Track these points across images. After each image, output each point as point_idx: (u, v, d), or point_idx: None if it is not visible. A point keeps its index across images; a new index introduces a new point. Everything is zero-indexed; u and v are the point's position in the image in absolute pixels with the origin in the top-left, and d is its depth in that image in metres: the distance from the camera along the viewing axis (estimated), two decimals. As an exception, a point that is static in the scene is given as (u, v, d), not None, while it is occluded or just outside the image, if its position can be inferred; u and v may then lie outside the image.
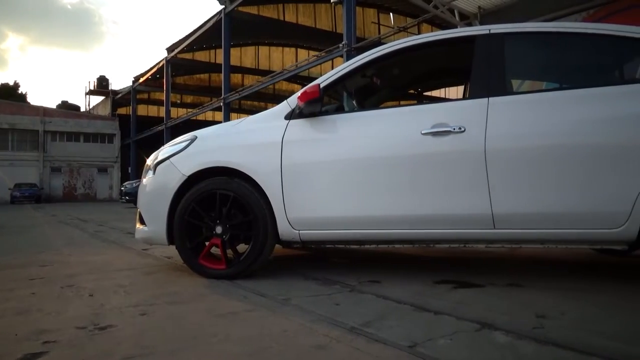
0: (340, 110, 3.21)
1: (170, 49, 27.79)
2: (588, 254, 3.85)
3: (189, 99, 36.38)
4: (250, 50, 31.29)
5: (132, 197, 16.10)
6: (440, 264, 3.59)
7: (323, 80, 3.03)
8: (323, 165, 2.87)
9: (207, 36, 23.80)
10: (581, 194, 2.50)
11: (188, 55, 29.37)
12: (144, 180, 3.28)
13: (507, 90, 2.80)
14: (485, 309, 2.16)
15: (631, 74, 2.87)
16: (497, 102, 2.69)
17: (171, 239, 3.04)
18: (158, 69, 30.11)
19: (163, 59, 28.53)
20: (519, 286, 2.64)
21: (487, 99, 2.71)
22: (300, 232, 2.88)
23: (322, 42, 21.78)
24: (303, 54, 29.55)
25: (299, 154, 2.90)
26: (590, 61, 3.09)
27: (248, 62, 31.23)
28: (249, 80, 30.60)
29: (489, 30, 2.91)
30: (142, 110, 38.38)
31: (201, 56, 30.59)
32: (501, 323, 1.93)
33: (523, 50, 3.05)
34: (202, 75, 33.84)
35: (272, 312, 2.19)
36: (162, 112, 31.33)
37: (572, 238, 2.57)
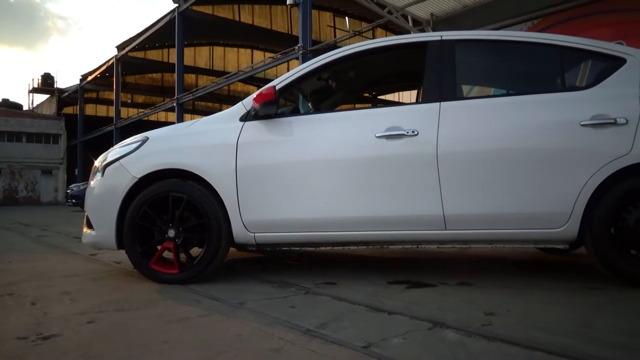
0: (295, 112, 3.21)
1: (120, 47, 26.89)
2: (533, 252, 4.03)
3: (140, 98, 35.30)
4: (204, 51, 30.76)
5: (78, 200, 15.51)
6: (394, 264, 3.65)
7: (279, 82, 3.02)
8: (279, 167, 2.86)
9: (159, 35, 23.21)
10: (526, 196, 2.62)
11: (140, 54, 28.52)
12: (92, 183, 3.15)
13: (457, 95, 2.89)
14: (437, 308, 2.22)
15: (572, 82, 3.03)
16: (449, 106, 2.78)
17: (121, 244, 2.94)
18: (108, 67, 29.06)
19: (113, 57, 27.57)
20: (469, 285, 2.72)
21: (439, 103, 2.79)
22: (255, 234, 2.86)
23: (278, 43, 21.74)
24: (259, 55, 29.36)
25: (254, 155, 2.88)
26: (535, 69, 3.24)
27: (202, 63, 30.69)
28: (203, 80, 30.08)
29: (441, 36, 2.99)
30: (91, 109, 36.89)
31: (153, 55, 29.78)
32: (452, 321, 1.99)
33: (473, 57, 3.17)
34: (154, 75, 32.93)
35: (227, 316, 2.15)
36: (112, 112, 30.22)
37: (518, 238, 2.69)
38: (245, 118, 2.97)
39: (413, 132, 2.73)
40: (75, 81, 35.11)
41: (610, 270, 2.57)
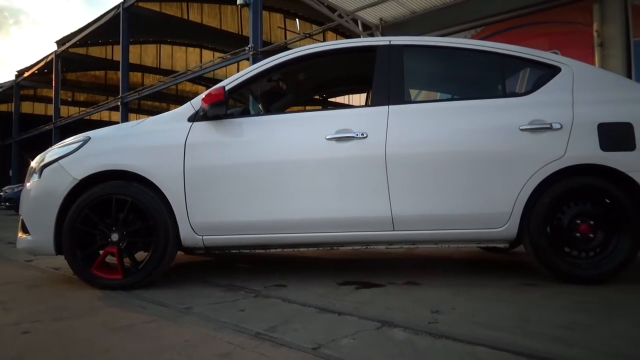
0: (245, 113, 3.18)
1: (60, 43, 25.58)
2: (476, 251, 4.19)
3: (82, 97, 33.71)
4: (151, 49, 29.81)
5: (13, 203, 14.63)
6: (344, 266, 3.69)
7: (228, 83, 2.98)
8: (228, 169, 2.82)
9: (103, 31, 22.28)
10: (470, 197, 2.73)
11: (82, 50, 27.23)
12: (28, 185, 2.98)
13: (405, 99, 2.96)
14: (385, 307, 2.26)
15: (512, 88, 3.19)
16: (397, 110, 2.84)
17: (59, 249, 2.79)
18: (46, 63, 27.55)
19: (52, 53, 26.19)
20: (416, 284, 2.79)
21: (387, 106, 2.85)
22: (204, 237, 2.80)
23: (228, 43, 21.42)
24: (208, 55, 28.81)
25: (203, 157, 2.82)
26: (478, 75, 3.38)
27: (149, 61, 29.73)
28: (150, 79, 29.14)
29: (390, 41, 3.06)
30: (27, 107, 34.83)
31: (97, 52, 28.52)
32: (400, 320, 2.03)
33: (420, 62, 3.25)
34: (97, 72, 31.54)
35: (173, 322, 2.09)
36: (51, 110, 28.69)
37: (462, 238, 2.79)
38: (193, 118, 2.91)
39: (362, 134, 2.77)
40: (11, 77, 33.04)
41: (546, 267, 2.71)
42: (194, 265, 3.75)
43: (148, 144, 2.88)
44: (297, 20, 24.34)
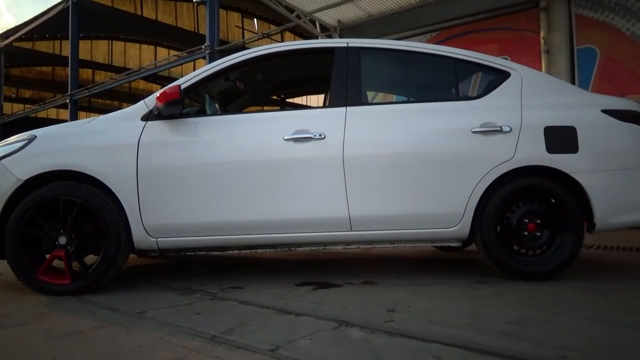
0: (202, 113, 3.12)
1: (4, 36, 24.27)
2: (431, 250, 4.29)
3: (27, 93, 32.08)
4: (102, 45, 28.75)
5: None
6: (302, 266, 3.68)
7: (184, 82, 2.92)
8: (184, 170, 2.76)
9: (51, 25, 21.28)
10: (425, 198, 2.79)
11: (27, 44, 25.94)
12: (-33, 186, 2.80)
13: (363, 101, 2.99)
14: (342, 307, 2.27)
15: (465, 91, 3.29)
16: (354, 111, 2.87)
17: (2, 253, 2.65)
18: (-12, 57, 26.09)
19: (-6, 46, 24.82)
20: (372, 283, 2.83)
21: (345, 108, 2.88)
22: (158, 239, 2.73)
23: (184, 41, 20.95)
24: (163, 52, 28.09)
25: (157, 157, 2.75)
26: (432, 78, 3.46)
27: (100, 57, 28.64)
28: (101, 76, 28.09)
29: (347, 43, 3.09)
30: (-34, 103, 32.90)
31: (44, 46, 27.22)
32: (357, 319, 2.05)
33: (377, 64, 3.30)
34: (44, 68, 30.11)
35: (125, 327, 2.03)
36: (-7, 107, 27.19)
37: (417, 237, 2.85)
38: (147, 117, 2.83)
39: (320, 135, 2.78)
40: (-53, 71, 31.01)
41: (497, 264, 2.81)
42: (148, 269, 3.65)
43: (99, 143, 2.78)
44: (255, 19, 24.16)
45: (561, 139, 2.79)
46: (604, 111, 2.89)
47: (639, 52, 6.08)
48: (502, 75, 3.04)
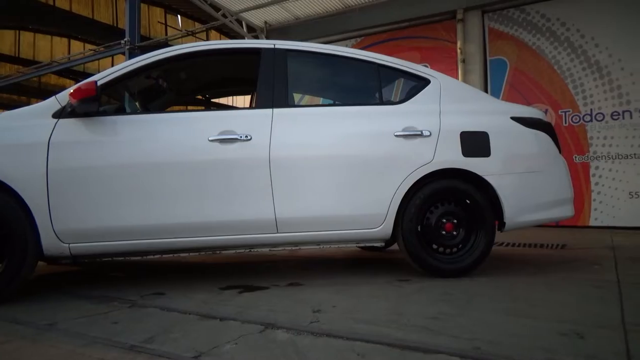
0: (121, 111, 2.97)
1: None
2: (355, 251, 4.39)
3: None
4: (9, 35, 26.42)
5: None
6: (227, 270, 3.62)
7: (101, 78, 2.76)
8: (99, 171, 2.61)
9: (-54, 11, 19.29)
10: (349, 199, 2.85)
11: None
12: None
13: (289, 103, 3.00)
14: (268, 309, 2.26)
15: (388, 96, 3.40)
16: (281, 113, 2.87)
17: None
18: None
19: None
20: (298, 285, 2.84)
21: (271, 109, 2.87)
22: (70, 245, 2.56)
23: (102, 36, 19.79)
24: (78, 46, 26.36)
25: (70, 157, 2.58)
26: (357, 82, 3.55)
27: (6, 49, 26.28)
28: (7, 69, 25.81)
29: (274, 45, 3.08)
30: None
31: (-62, 34, 24.59)
32: (283, 321, 2.05)
33: (304, 67, 3.33)
34: (-61, 58, 27.20)
35: (33, 341, 1.88)
36: None
37: (343, 238, 2.91)
38: (59, 115, 2.65)
39: (246, 136, 2.75)
40: None
41: (417, 263, 2.94)
42: (59, 277, 3.40)
43: (4, 142, 2.55)
44: (178, 16, 23.41)
45: (475, 143, 2.98)
46: (513, 118, 3.12)
47: (543, 65, 6.63)
48: (422, 82, 3.18)
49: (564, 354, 1.61)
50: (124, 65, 2.87)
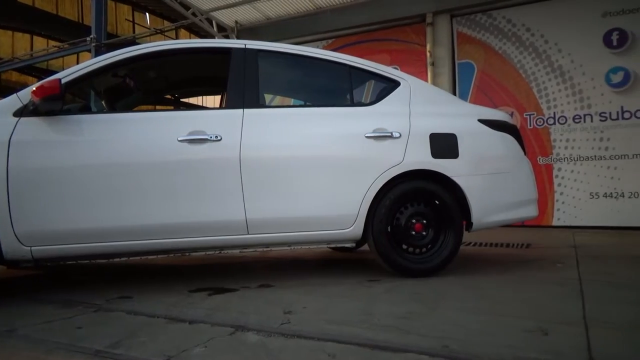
0: (86, 110, 2.89)
1: None
2: (326, 252, 4.40)
3: None
4: (-34, 29, 25.42)
5: None
6: (196, 272, 3.57)
7: (66, 75, 2.68)
8: (64, 171, 2.53)
9: None
10: (320, 200, 2.86)
11: None
12: None
13: (260, 103, 2.98)
14: (239, 311, 2.24)
15: (359, 98, 3.43)
16: (252, 113, 2.85)
17: None
18: None
19: None
20: (269, 286, 2.83)
21: (242, 110, 2.85)
22: (32, 248, 2.47)
23: (66, 32, 19.25)
24: (41, 42, 25.54)
25: (32, 157, 2.49)
26: (329, 84, 3.56)
27: (-37, 43, 25.30)
28: (-36, 65, 24.80)
29: (245, 44, 3.06)
30: None
31: None
32: (253, 323, 2.03)
33: (275, 68, 3.32)
34: None
35: (-8, 348, 1.80)
36: None
37: (313, 239, 2.91)
38: (20, 113, 2.55)
39: (216, 137, 2.72)
40: None
41: (387, 263, 2.97)
42: (20, 281, 3.28)
43: (-41, 140, 2.45)
44: (147, 14, 22.97)
45: (444, 145, 3.03)
46: (480, 121, 3.19)
47: (509, 69, 6.81)
48: (393, 84, 3.22)
49: (530, 350, 1.66)
50: (90, 63, 2.80)
